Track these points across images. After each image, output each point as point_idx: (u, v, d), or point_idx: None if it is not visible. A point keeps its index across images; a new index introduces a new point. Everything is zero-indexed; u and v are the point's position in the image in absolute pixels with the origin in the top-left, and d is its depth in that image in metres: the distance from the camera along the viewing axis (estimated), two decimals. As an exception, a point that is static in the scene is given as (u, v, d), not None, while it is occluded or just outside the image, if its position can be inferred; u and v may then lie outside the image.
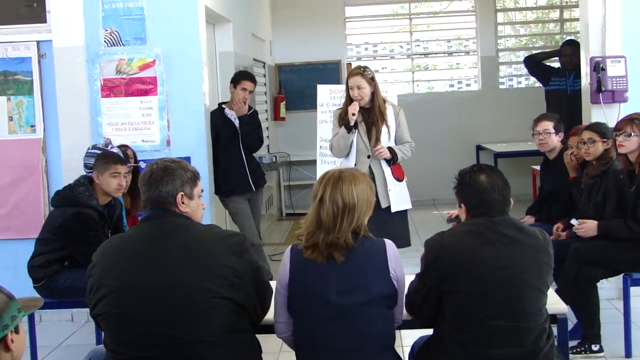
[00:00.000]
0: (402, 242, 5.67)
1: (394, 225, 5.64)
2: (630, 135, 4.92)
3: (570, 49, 8.08)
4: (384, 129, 5.79)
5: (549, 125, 5.82)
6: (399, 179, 5.87)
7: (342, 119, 5.80)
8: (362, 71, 5.77)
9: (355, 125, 5.74)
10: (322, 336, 3.14)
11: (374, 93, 5.76)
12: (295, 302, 3.19)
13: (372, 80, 5.75)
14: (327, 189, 3.18)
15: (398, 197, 5.84)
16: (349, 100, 5.79)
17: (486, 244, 3.21)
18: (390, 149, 5.77)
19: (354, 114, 5.67)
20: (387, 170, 5.81)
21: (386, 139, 5.80)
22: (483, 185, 3.31)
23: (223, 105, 6.80)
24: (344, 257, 3.11)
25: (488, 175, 3.34)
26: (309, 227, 3.20)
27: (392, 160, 5.80)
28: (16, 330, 2.33)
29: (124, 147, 5.71)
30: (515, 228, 3.28)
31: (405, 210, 5.97)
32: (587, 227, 5.09)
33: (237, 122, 6.73)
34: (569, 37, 10.20)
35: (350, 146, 5.81)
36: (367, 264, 3.15)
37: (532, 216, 6.05)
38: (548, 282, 3.29)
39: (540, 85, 8.80)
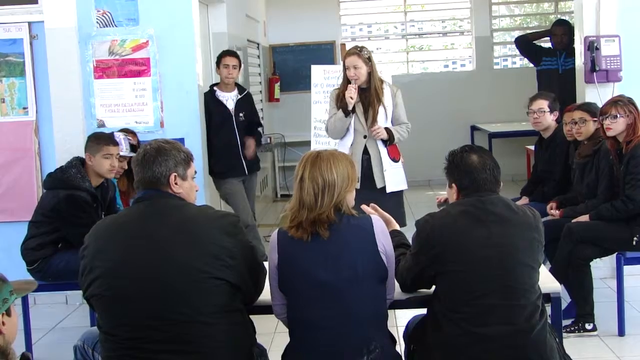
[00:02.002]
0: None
1: (389, 205, 5.58)
2: (616, 117, 4.94)
3: (561, 29, 8.08)
4: (380, 109, 5.77)
5: (543, 104, 5.82)
6: (394, 159, 5.85)
7: (340, 100, 5.78)
8: (358, 51, 5.74)
9: (353, 109, 5.72)
10: (313, 314, 3.15)
11: (371, 73, 5.74)
12: (286, 282, 3.21)
13: (368, 60, 5.72)
14: (307, 168, 3.21)
15: (394, 177, 5.83)
16: (346, 80, 5.77)
17: (476, 223, 3.21)
18: (387, 129, 5.75)
19: (352, 98, 5.65)
20: (383, 150, 5.80)
21: (383, 120, 5.78)
22: (474, 165, 3.32)
23: (215, 87, 6.77)
24: (329, 231, 3.13)
25: (479, 155, 3.36)
26: (293, 207, 3.22)
27: (389, 141, 5.78)
28: (8, 313, 2.32)
29: (127, 133, 5.68)
30: (504, 206, 3.29)
31: (401, 191, 5.96)
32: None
33: (230, 105, 6.70)
34: (560, 17, 10.17)
35: (347, 127, 5.79)
36: (353, 240, 3.16)
37: (527, 196, 6.05)
38: (539, 258, 3.31)
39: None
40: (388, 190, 5.78)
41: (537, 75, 8.33)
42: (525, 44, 8.57)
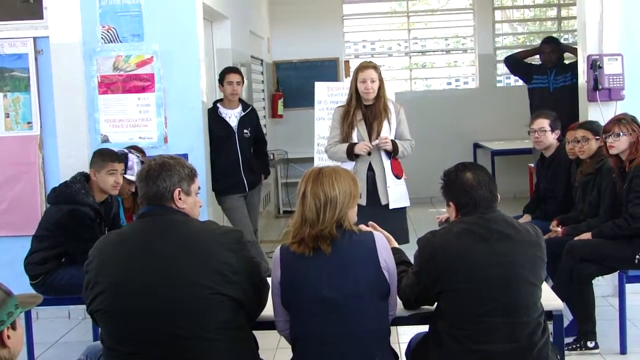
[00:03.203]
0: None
1: (392, 222, 5.60)
2: (619, 135, 4.96)
3: (550, 47, 8.08)
4: (385, 124, 5.78)
5: (544, 123, 5.82)
6: (397, 176, 5.86)
7: (349, 126, 5.78)
8: (374, 65, 5.79)
9: (357, 156, 5.76)
10: (316, 330, 3.16)
11: (381, 88, 5.77)
12: (289, 298, 3.22)
13: (380, 75, 5.77)
14: (309, 184, 3.23)
15: (396, 194, 5.83)
16: (355, 94, 5.77)
17: (479, 241, 3.22)
18: (392, 141, 5.76)
19: (363, 151, 5.70)
20: (388, 167, 5.81)
21: (387, 135, 5.78)
22: (470, 182, 3.34)
23: (218, 104, 6.78)
24: (331, 247, 3.14)
25: (473, 172, 3.37)
26: (295, 223, 3.24)
27: (393, 153, 5.79)
28: (13, 327, 2.32)
29: (136, 151, 5.69)
30: (506, 224, 3.30)
31: (404, 208, 5.97)
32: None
33: (232, 122, 6.71)
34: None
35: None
36: (356, 256, 3.18)
37: (529, 215, 6.05)
38: (542, 275, 3.32)
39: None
40: (390, 206, 5.78)
41: (529, 93, 8.30)
42: (515, 63, 8.55)
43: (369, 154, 5.75)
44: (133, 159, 5.40)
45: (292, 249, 3.19)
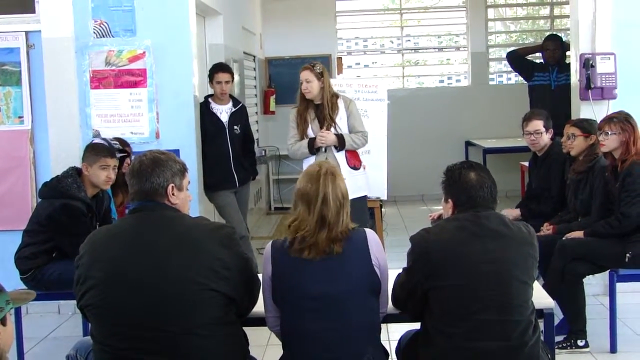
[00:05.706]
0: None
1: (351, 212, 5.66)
2: (608, 134, 4.97)
3: (553, 44, 8.09)
4: (337, 120, 6.03)
5: (539, 124, 5.76)
6: (355, 167, 6.11)
7: (304, 121, 6.07)
8: (311, 66, 6.03)
9: (319, 149, 6.01)
10: (307, 326, 3.16)
11: (323, 88, 5.98)
12: (280, 294, 3.21)
13: (320, 76, 5.99)
14: (328, 186, 3.20)
15: (352, 185, 5.86)
16: (301, 95, 6.08)
17: (472, 238, 3.22)
18: (339, 135, 5.98)
19: (322, 142, 5.97)
20: (342, 160, 6.01)
21: (339, 130, 6.04)
22: (472, 183, 3.33)
23: (209, 99, 6.76)
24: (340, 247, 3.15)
25: (477, 173, 3.36)
26: (308, 229, 3.17)
27: (340, 147, 6.01)
28: (3, 323, 2.31)
29: (118, 141, 5.68)
30: (499, 221, 3.30)
31: (364, 197, 6.19)
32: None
33: (223, 117, 6.70)
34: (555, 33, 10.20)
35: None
36: (348, 252, 3.18)
37: (523, 208, 6.01)
38: (533, 274, 3.32)
39: (529, 81, 8.79)
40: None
41: (529, 90, 8.32)
42: (517, 59, 8.57)
43: (319, 149, 6.02)
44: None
45: (300, 256, 3.15)
